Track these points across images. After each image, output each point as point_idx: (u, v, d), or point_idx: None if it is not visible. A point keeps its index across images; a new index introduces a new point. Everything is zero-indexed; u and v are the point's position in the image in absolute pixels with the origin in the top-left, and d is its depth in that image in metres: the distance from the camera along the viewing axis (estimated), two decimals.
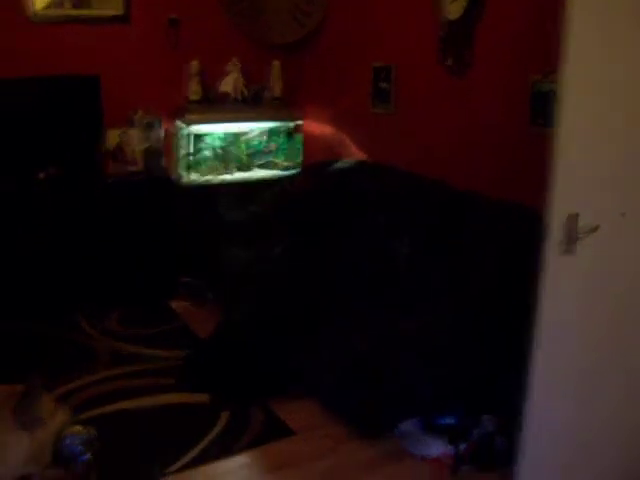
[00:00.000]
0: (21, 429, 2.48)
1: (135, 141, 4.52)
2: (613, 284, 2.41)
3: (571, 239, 2.26)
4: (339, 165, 4.45)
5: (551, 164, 2.21)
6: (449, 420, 3.02)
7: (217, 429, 3.09)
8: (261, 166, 5.03)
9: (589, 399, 2.50)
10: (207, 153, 4.87)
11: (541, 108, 3.18)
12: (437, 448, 2.92)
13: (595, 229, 2.27)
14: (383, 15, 4.25)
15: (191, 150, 4.74)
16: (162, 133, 4.72)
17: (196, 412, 3.23)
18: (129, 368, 3.61)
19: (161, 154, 4.68)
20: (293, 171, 5.02)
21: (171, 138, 4.85)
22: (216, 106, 4.79)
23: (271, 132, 5.05)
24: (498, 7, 3.44)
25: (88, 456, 2.62)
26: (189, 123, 4.65)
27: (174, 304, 4.48)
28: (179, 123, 4.76)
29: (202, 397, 3.32)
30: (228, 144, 4.92)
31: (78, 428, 2.69)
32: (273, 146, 5.09)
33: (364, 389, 2.96)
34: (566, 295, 2.34)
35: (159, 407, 3.26)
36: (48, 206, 4.14)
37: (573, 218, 2.24)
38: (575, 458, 2.56)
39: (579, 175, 2.25)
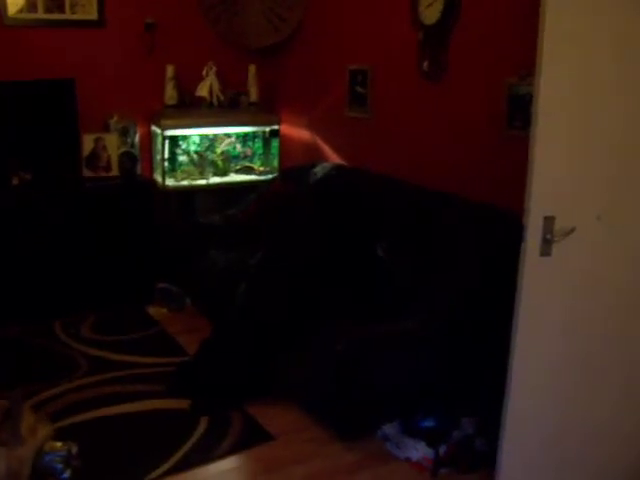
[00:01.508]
0: (0, 445, 2.45)
1: (111, 146, 4.49)
2: (590, 285, 2.44)
3: (548, 241, 2.29)
4: (316, 170, 4.46)
5: (528, 167, 2.24)
6: (429, 423, 3.03)
7: (196, 435, 3.06)
8: (238, 171, 5.02)
9: (570, 399, 2.52)
10: (183, 158, 4.86)
11: (518, 111, 3.22)
12: (418, 451, 2.93)
13: (571, 231, 2.30)
14: (361, 19, 4.27)
15: (167, 155, 4.72)
16: (138, 138, 4.71)
17: (175, 418, 3.20)
18: (107, 375, 3.57)
19: (137, 159, 4.65)
20: (270, 176, 5.02)
21: (147, 143, 4.83)
22: (192, 111, 4.78)
23: (248, 137, 5.05)
24: (473, 12, 3.47)
25: (67, 474, 2.61)
26: (165, 128, 4.63)
27: (151, 310, 4.44)
28: (155, 128, 4.74)
29: (181, 403, 3.30)
30: (204, 149, 4.91)
31: (58, 444, 2.67)
32: (249, 151, 5.09)
33: (346, 391, 2.97)
34: (544, 296, 2.37)
35: (138, 414, 3.23)
36: (22, 212, 4.09)
37: (549, 221, 2.28)
38: (557, 460, 2.58)
39: (555, 178, 2.28)
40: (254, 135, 5.06)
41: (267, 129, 5.00)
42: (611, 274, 2.47)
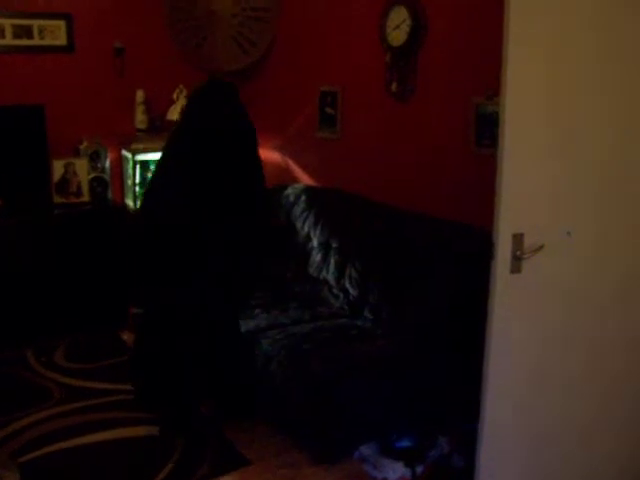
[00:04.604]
0: None
1: (81, 171, 4.46)
2: (562, 300, 2.46)
3: (517, 258, 2.31)
4: (287, 192, 4.46)
5: (496, 184, 2.27)
6: (406, 443, 3.02)
7: (172, 462, 3.02)
8: None
9: (545, 412, 2.53)
10: None
11: (487, 129, 3.26)
12: (396, 471, 2.92)
13: (540, 248, 2.33)
14: (330, 42, 4.31)
15: (138, 180, 4.69)
16: (108, 163, 4.68)
17: (151, 445, 3.16)
18: (81, 403, 3.52)
19: (108, 184, 4.63)
20: None
21: (118, 168, 4.81)
22: (163, 135, 4.74)
23: None
24: (439, 33, 3.53)
25: None
26: (135, 152, 4.62)
27: (125, 335, 4.40)
28: (125, 153, 4.72)
29: (155, 430, 3.26)
30: None
31: None
32: None
33: (320, 414, 2.95)
34: (515, 312, 2.38)
35: (113, 442, 3.18)
36: None
37: (518, 238, 2.30)
38: (535, 474, 2.59)
39: (524, 195, 2.30)
40: None
41: None
42: (583, 289, 2.49)
